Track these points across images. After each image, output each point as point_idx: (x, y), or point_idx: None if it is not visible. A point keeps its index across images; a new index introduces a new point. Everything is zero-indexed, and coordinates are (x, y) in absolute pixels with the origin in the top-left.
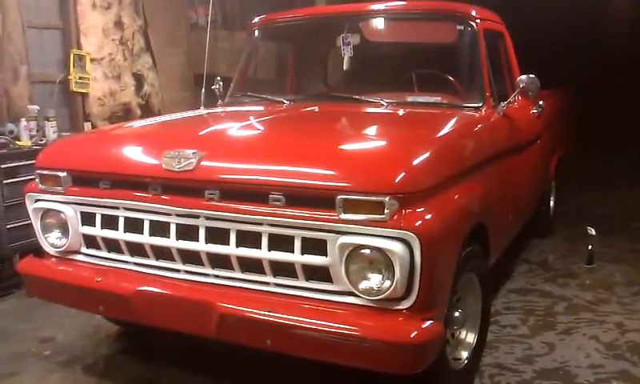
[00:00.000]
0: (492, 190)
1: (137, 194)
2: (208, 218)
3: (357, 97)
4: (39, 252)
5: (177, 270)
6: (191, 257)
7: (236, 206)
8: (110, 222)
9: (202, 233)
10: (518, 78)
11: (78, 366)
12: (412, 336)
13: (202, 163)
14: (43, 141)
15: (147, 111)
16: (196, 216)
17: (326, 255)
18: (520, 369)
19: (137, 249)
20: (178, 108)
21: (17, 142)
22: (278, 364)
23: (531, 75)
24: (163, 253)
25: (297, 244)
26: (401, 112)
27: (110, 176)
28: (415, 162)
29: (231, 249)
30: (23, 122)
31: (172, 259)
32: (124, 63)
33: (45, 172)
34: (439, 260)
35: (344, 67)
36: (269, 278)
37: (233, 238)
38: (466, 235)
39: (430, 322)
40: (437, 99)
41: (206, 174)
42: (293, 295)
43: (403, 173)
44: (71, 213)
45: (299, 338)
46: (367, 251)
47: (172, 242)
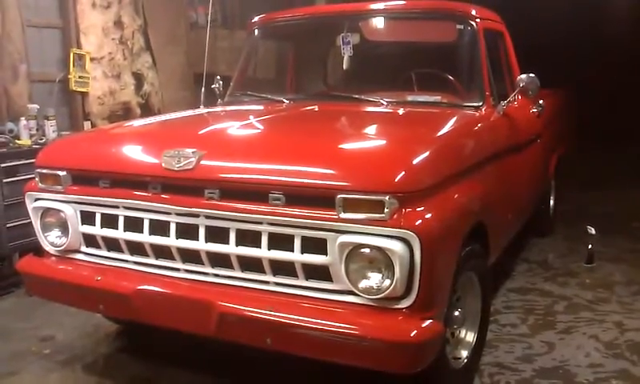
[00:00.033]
0: (492, 189)
1: (137, 193)
2: (208, 217)
3: (357, 96)
4: (39, 251)
5: (176, 269)
6: (191, 256)
7: (236, 205)
8: (110, 221)
9: (202, 232)
10: (518, 78)
11: (78, 365)
12: (412, 335)
13: (202, 162)
14: (43, 140)
15: (147, 110)
16: (196, 215)
17: (326, 254)
18: (520, 368)
19: (136, 248)
20: (178, 107)
21: (16, 141)
22: (278, 363)
23: (531, 74)
24: (163, 252)
25: (297, 243)
26: (401, 111)
27: (110, 175)
28: (415, 162)
29: (231, 248)
30: (23, 121)
31: (172, 258)
32: (124, 62)
33: (44, 171)
34: (439, 259)
35: (344, 66)
36: (268, 277)
37: (233, 237)
38: (466, 234)
39: (430, 321)
40: (437, 98)
41: (206, 173)
42: (292, 294)
43: (403, 172)
44: (71, 212)
45: (299, 337)
46: (367, 250)
47: (172, 241)
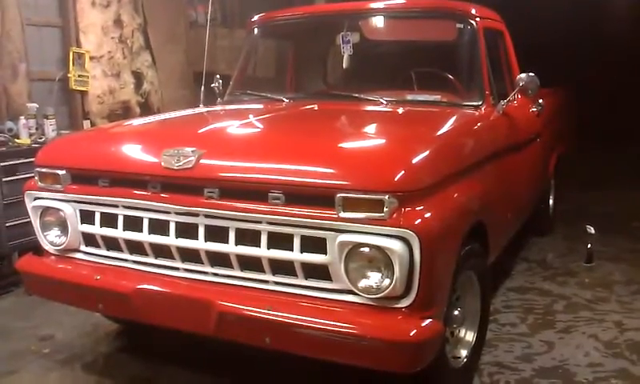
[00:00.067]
0: (491, 189)
1: (136, 192)
2: (207, 216)
3: (356, 95)
4: (38, 250)
5: (176, 268)
6: (190, 255)
7: (235, 204)
8: (110, 220)
9: (202, 231)
10: (518, 77)
11: (77, 364)
12: (411, 334)
13: (202, 161)
14: (42, 139)
15: (146, 109)
16: (195, 214)
17: (326, 253)
18: (519, 367)
19: (136, 247)
20: (178, 106)
21: (16, 140)
22: (277, 362)
23: (531, 74)
24: (162, 251)
25: (296, 242)
26: (400, 110)
27: (110, 174)
28: (415, 161)
29: (230, 247)
30: (22, 120)
31: (171, 257)
32: (123, 61)
33: (44, 170)
34: (438, 258)
35: (343, 65)
36: (268, 277)
37: (232, 236)
38: (466, 233)
39: (430, 321)
40: (436, 97)
41: (206, 172)
42: (292, 293)
43: (403, 171)
44: (70, 211)
45: (298, 337)
46: (366, 249)
47: (171, 240)
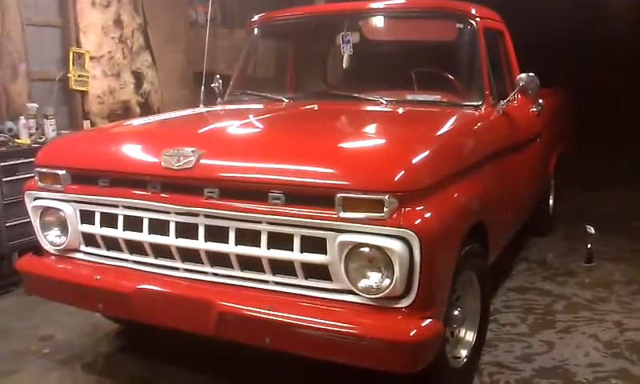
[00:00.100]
0: (491, 189)
1: (136, 192)
2: (207, 216)
3: (356, 95)
4: (38, 250)
5: (176, 268)
6: (190, 255)
7: (235, 204)
8: (110, 220)
9: (202, 231)
10: (518, 77)
11: (77, 364)
12: (411, 334)
13: (202, 161)
14: (42, 139)
15: (146, 109)
16: (195, 214)
17: (326, 253)
18: (519, 367)
19: (136, 247)
20: (178, 106)
21: (16, 140)
22: (277, 362)
23: (531, 74)
24: (162, 251)
25: (296, 242)
26: (400, 110)
27: (109, 174)
28: (415, 161)
29: (230, 247)
30: (22, 120)
31: (171, 257)
32: (123, 61)
33: (44, 170)
34: (438, 258)
35: (343, 65)
36: (268, 277)
37: (232, 236)
38: (466, 233)
39: (430, 321)
40: (436, 97)
41: (205, 172)
42: (292, 293)
43: (402, 171)
44: (70, 211)
45: (298, 337)
46: (366, 249)
47: (171, 240)
